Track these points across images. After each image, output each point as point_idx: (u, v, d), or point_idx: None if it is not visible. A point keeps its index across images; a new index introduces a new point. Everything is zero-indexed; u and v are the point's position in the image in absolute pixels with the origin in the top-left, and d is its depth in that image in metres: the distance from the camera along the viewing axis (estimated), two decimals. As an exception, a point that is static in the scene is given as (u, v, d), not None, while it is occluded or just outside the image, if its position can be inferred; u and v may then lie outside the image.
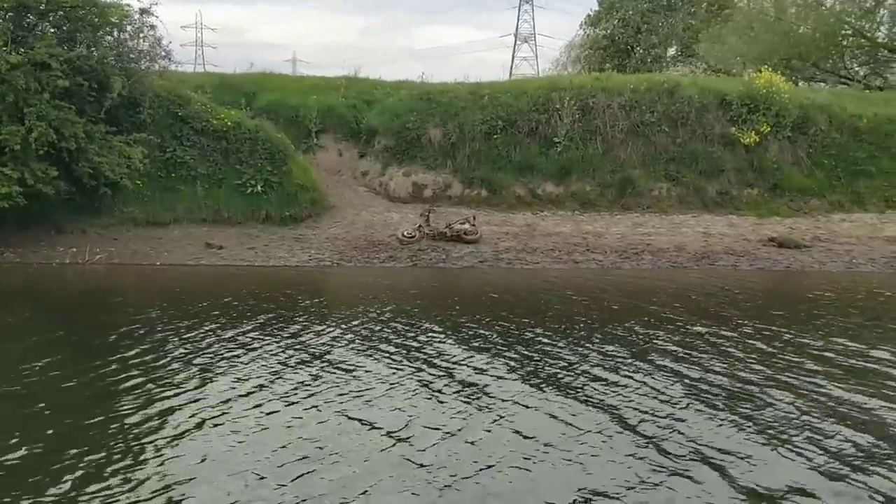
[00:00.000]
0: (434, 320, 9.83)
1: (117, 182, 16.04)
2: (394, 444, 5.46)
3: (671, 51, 38.93)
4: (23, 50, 14.15)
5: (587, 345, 8.54)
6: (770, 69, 21.52)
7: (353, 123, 20.60)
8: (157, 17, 16.49)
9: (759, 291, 12.99)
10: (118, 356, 7.85)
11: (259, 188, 17.62)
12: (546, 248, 16.32)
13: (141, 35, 16.95)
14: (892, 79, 36.95)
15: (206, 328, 9.19)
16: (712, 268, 15.13)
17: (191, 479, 4.91)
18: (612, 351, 8.27)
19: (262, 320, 9.75)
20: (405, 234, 16.67)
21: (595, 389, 6.83)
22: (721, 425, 5.93)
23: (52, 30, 15.34)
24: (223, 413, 6.11)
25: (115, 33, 16.36)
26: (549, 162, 19.18)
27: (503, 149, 19.33)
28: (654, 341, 8.77)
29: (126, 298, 12.31)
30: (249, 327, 9.30)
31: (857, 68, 38.85)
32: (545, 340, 8.76)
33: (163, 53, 17.58)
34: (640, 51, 36.60)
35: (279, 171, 17.97)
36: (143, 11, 16.44)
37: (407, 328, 9.42)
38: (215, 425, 5.83)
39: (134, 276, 14.17)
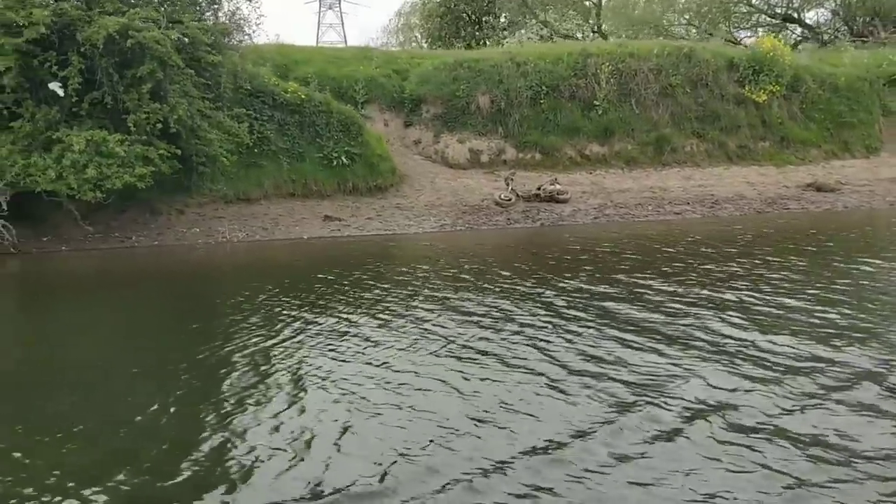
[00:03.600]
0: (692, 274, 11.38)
1: (216, 159, 16.12)
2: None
3: (502, 20, 40.96)
4: (173, 25, 14.03)
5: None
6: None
7: (394, 93, 21.37)
8: None
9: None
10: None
11: (343, 160, 18.21)
12: (633, 202, 18.36)
13: (215, 7, 16.98)
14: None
15: (475, 289, 10.00)
16: (788, 211, 17.87)
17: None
18: None
19: (503, 281, 10.54)
20: (502, 197, 18.05)
21: None
22: None
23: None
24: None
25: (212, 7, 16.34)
26: (591, 123, 21.15)
27: (549, 113, 21.03)
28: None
29: (338, 269, 12.40)
30: (498, 289, 9.89)
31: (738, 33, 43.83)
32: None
33: (235, 27, 17.61)
34: (489, 19, 37.73)
35: (356, 143, 18.61)
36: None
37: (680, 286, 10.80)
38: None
39: (300, 250, 14.58)
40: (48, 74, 13.43)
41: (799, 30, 41.05)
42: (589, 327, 7.55)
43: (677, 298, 8.72)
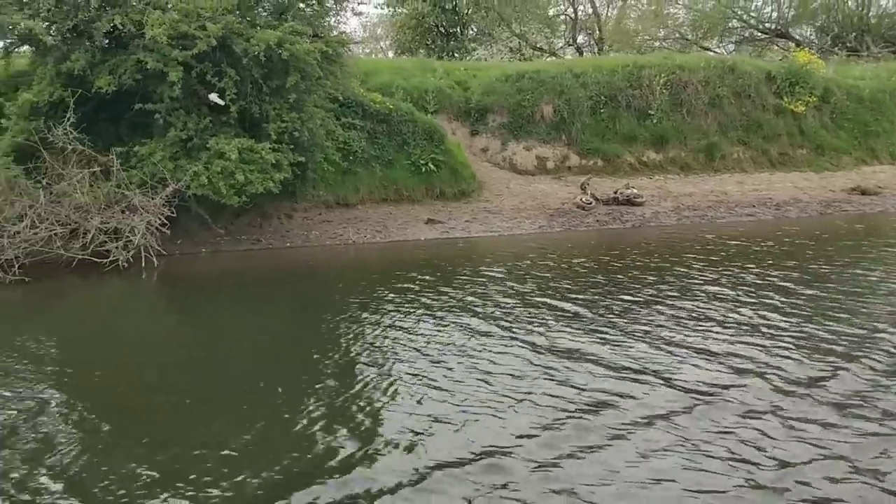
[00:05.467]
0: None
1: (322, 166, 16.97)
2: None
3: (471, 32, 42.00)
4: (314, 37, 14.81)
5: None
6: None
7: (460, 103, 22.38)
8: None
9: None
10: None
11: (431, 166, 19.17)
12: (704, 205, 19.66)
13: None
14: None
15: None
16: (846, 212, 19.38)
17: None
18: None
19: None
20: (583, 200, 19.18)
21: None
22: None
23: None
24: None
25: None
26: (647, 132, 22.48)
27: (608, 122, 22.30)
28: None
29: (484, 266, 13.43)
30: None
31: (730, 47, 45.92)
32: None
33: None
34: (457, 31, 38.51)
35: (440, 151, 19.58)
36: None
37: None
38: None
39: (425, 250, 15.44)
40: (198, 84, 14.10)
41: (789, 45, 43.20)
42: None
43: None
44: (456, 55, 36.02)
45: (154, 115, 13.80)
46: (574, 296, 9.78)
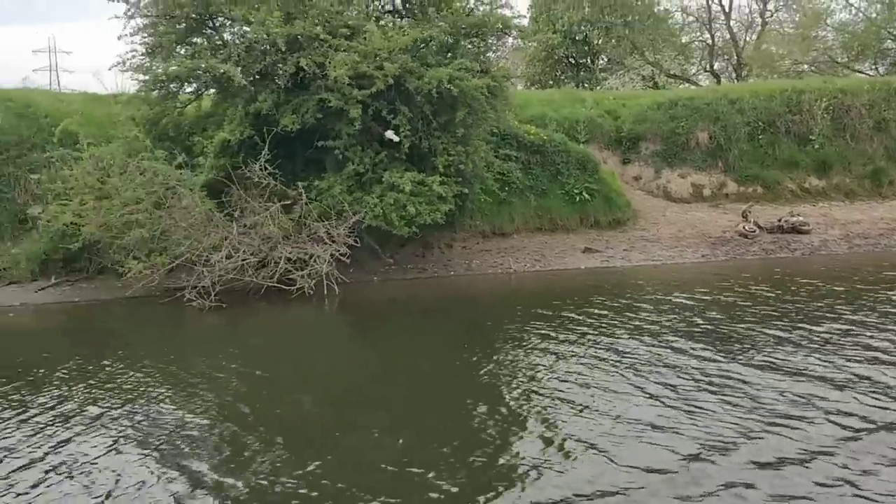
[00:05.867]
0: None
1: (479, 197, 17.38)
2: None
3: (601, 62, 41.14)
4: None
5: None
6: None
7: (611, 132, 22.45)
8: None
9: None
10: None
11: (585, 195, 19.27)
12: (874, 233, 18.86)
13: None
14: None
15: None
16: None
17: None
18: None
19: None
20: (747, 228, 18.75)
21: None
22: None
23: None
24: None
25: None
26: (808, 157, 21.80)
27: (767, 147, 21.78)
28: None
29: (662, 294, 13.41)
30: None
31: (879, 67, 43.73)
32: None
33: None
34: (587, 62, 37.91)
35: (594, 180, 19.67)
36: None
37: None
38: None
39: (591, 278, 15.50)
40: (373, 121, 14.81)
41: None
42: None
43: None
44: (586, 85, 36.10)
45: (334, 151, 14.53)
46: (773, 321, 9.66)
